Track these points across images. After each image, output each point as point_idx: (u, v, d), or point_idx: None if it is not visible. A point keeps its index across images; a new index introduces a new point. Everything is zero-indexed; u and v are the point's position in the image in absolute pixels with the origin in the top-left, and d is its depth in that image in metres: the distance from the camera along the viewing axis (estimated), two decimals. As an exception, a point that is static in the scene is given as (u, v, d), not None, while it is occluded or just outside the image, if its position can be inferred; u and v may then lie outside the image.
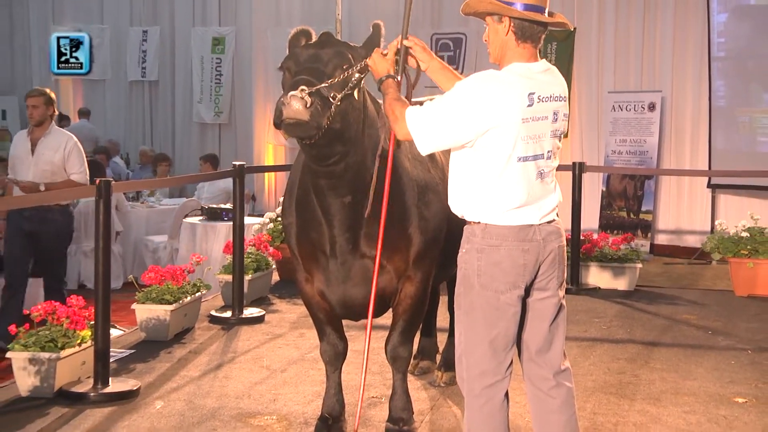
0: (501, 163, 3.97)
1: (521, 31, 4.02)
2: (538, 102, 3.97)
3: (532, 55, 4.08)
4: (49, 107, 8.64)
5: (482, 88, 3.99)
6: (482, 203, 4.06)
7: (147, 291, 7.71)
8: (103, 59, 18.81)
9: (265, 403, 6.10)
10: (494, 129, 3.94)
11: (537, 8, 4.01)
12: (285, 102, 4.28)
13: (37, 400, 6.08)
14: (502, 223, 4.02)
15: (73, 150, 8.66)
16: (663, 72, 13.69)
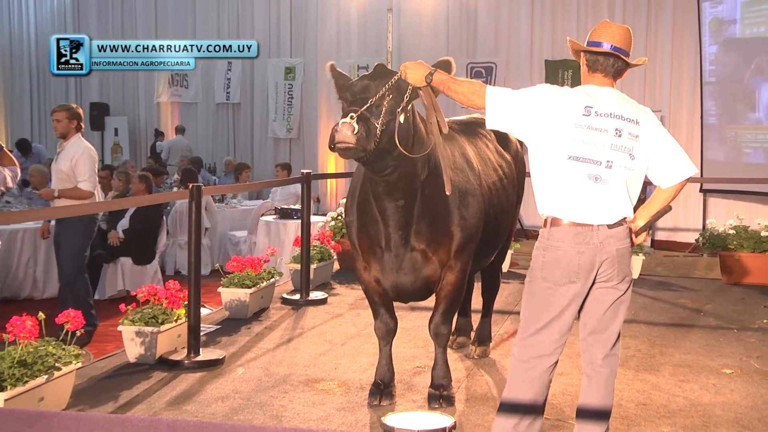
0: (555, 159, 4.00)
1: (592, 64, 4.15)
2: (596, 115, 4.00)
3: (602, 83, 4.14)
4: (71, 121, 8.14)
5: (547, 92, 4.09)
6: (545, 196, 4.09)
7: (230, 277, 7.73)
8: (195, 85, 18.95)
9: (328, 370, 6.08)
10: (549, 127, 4.00)
11: (597, 44, 4.12)
12: (337, 129, 4.32)
13: (142, 365, 6.12)
14: (564, 219, 4.01)
15: (81, 159, 8.07)
16: (662, 94, 13.67)
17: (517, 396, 4.19)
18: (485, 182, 5.30)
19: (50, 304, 9.07)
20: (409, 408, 5.27)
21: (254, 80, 18.39)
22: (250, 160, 17.42)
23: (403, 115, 4.54)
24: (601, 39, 4.12)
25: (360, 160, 4.64)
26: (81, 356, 5.24)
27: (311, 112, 17.58)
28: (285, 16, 17.89)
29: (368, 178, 4.91)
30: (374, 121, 4.40)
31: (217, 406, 5.34)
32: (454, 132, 5.34)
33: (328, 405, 5.35)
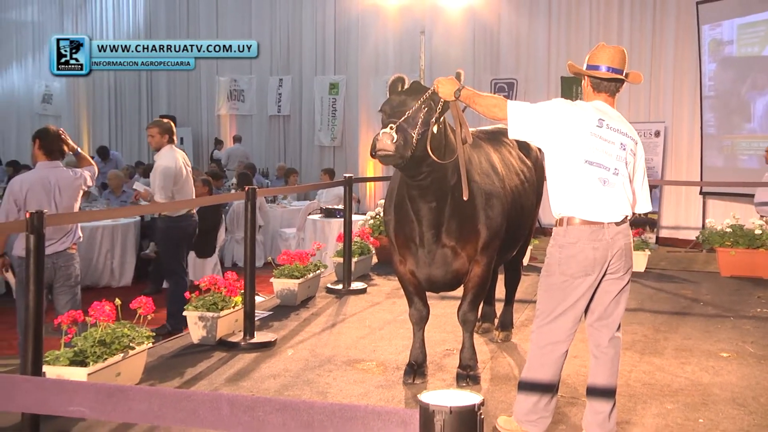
0: (572, 162, 4.03)
1: (596, 85, 4.19)
2: (606, 128, 4.06)
3: (606, 101, 4.20)
4: (164, 135, 8.02)
5: (564, 105, 4.13)
6: (560, 197, 4.12)
7: (281, 269, 7.75)
8: (250, 100, 19.04)
9: (367, 352, 6.09)
10: (568, 135, 4.03)
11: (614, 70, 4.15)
12: (378, 138, 4.37)
13: (204, 346, 6.17)
14: (578, 217, 4.05)
15: (156, 172, 7.95)
16: (665, 106, 13.59)
17: (535, 376, 4.22)
18: (508, 185, 5.30)
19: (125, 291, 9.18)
20: (439, 386, 5.27)
21: (302, 95, 18.43)
22: (298, 166, 17.48)
23: (435, 126, 4.58)
24: (600, 62, 4.17)
25: (398, 166, 4.68)
26: (151, 337, 5.29)
27: (352, 123, 17.60)
28: (330, 38, 17.92)
29: (404, 183, 4.92)
30: (411, 131, 4.44)
31: (270, 382, 5.36)
32: (481, 140, 5.36)
33: (367, 383, 5.36)
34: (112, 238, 10.60)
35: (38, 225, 4.16)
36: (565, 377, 4.90)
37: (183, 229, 8.07)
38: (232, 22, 19.13)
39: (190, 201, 7.76)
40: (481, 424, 1.48)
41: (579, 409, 4.70)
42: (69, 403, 1.68)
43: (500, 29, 15.59)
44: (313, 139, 18.23)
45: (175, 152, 8.04)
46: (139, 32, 20.62)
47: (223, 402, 1.53)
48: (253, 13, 18.86)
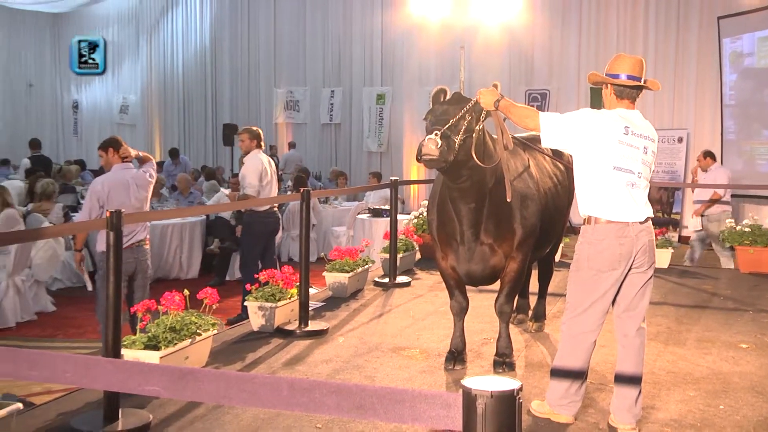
0: (601, 168, 4.01)
1: (619, 93, 4.13)
2: (632, 134, 4.03)
3: (628, 107, 4.14)
4: (252, 140, 8.05)
5: (591, 115, 4.10)
6: (588, 199, 4.10)
7: (333, 263, 7.78)
8: (305, 109, 19.14)
9: (411, 340, 6.08)
10: (596, 142, 4.01)
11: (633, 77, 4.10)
12: (423, 144, 4.39)
13: (263, 333, 6.20)
14: (605, 218, 4.02)
15: (247, 171, 7.99)
16: (688, 114, 13.46)
17: (566, 364, 4.20)
18: (542, 188, 5.28)
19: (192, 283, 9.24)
20: (478, 372, 5.26)
21: (352, 105, 18.49)
22: (348, 170, 17.53)
23: (476, 133, 4.57)
24: (620, 71, 4.13)
25: (441, 170, 4.69)
26: (216, 325, 5.34)
27: (398, 130, 17.62)
28: (377, 53, 17.97)
29: (446, 185, 4.92)
30: (453, 138, 4.45)
31: (323, 367, 5.38)
32: (518, 147, 5.34)
33: (411, 368, 5.36)
34: (181, 235, 10.74)
35: (117, 223, 4.23)
36: (593, 365, 4.86)
37: (265, 225, 8.07)
38: (288, 38, 19.24)
39: (252, 201, 7.81)
40: (520, 408, 1.48)
41: (607, 395, 4.66)
42: (145, 383, 1.70)
43: (534, 44, 15.53)
44: (362, 145, 18.29)
45: (261, 156, 8.07)
46: (205, 52, 20.83)
47: (282, 384, 1.54)
48: (307, 31, 18.97)
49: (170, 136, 21.75)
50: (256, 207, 7.92)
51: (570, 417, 4.27)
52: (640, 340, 4.20)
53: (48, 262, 8.70)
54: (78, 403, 4.59)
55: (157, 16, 21.98)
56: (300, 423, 4.24)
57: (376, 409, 1.43)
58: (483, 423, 1.40)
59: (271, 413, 4.31)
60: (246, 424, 4.25)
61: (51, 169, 14.18)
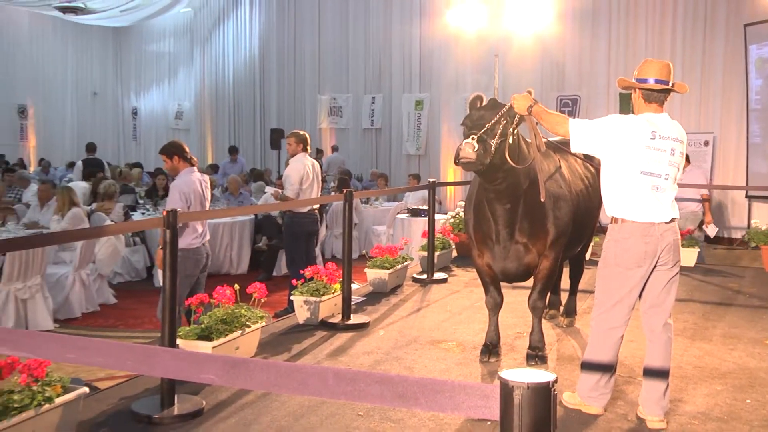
0: (629, 172, 3.97)
1: (647, 96, 4.07)
2: (659, 138, 3.97)
3: (656, 110, 4.08)
4: (298, 144, 7.99)
5: (619, 121, 4.06)
6: (615, 201, 4.06)
7: (374, 260, 7.79)
8: (347, 115, 19.18)
9: (448, 333, 6.07)
10: (624, 148, 3.96)
11: (661, 81, 4.05)
12: (461, 147, 4.40)
13: (308, 326, 6.23)
14: (630, 219, 3.99)
15: (288, 173, 7.98)
16: (714, 118, 13.25)
17: (596, 358, 4.17)
18: (574, 189, 5.23)
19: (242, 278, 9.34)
20: (511, 365, 5.23)
21: (392, 110, 18.48)
22: (388, 172, 17.53)
23: (511, 137, 4.54)
24: (648, 75, 4.08)
25: (477, 172, 4.68)
26: (264, 317, 5.38)
27: (435, 134, 17.57)
28: (415, 61, 17.93)
29: (482, 187, 4.91)
30: (489, 142, 4.45)
31: (364, 358, 5.40)
32: (551, 150, 5.30)
33: (448, 360, 5.35)
34: (231, 233, 10.82)
35: (173, 221, 4.28)
36: (622, 359, 4.81)
37: (304, 225, 8.03)
38: (332, 48, 19.31)
39: (298, 201, 7.84)
40: (555, 399, 1.47)
41: (635, 387, 4.61)
42: (200, 372, 1.72)
43: (565, 52, 15.41)
44: (401, 149, 18.27)
45: (306, 159, 8.03)
46: (254, 61, 20.98)
47: (329, 374, 1.55)
48: (350, 41, 19.01)
49: (221, 140, 21.93)
50: (296, 208, 7.95)
51: (600, 408, 4.24)
52: (666, 336, 4.14)
53: (110, 257, 8.83)
54: (138, 388, 4.66)
55: (210, 29, 22.19)
56: (342, 411, 4.25)
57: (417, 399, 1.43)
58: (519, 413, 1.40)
59: (315, 401, 4.33)
60: (292, 410, 4.27)
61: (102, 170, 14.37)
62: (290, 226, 8.13)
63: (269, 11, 20.68)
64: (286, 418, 4.16)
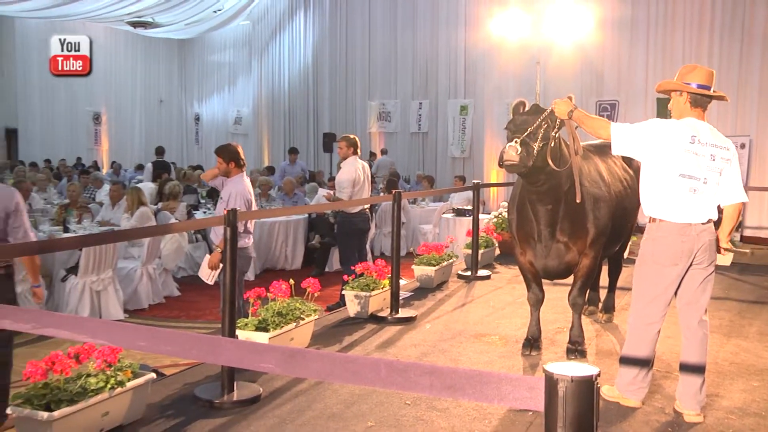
0: (667, 175, 3.90)
1: (695, 101, 3.99)
2: (698, 143, 3.88)
3: (699, 116, 4.00)
4: (350, 148, 7.95)
5: (659, 125, 3.97)
6: (657, 203, 3.99)
7: (421, 258, 7.79)
8: (396, 120, 19.19)
9: (491, 328, 6.04)
10: (663, 150, 3.89)
11: (705, 87, 3.97)
12: (505, 150, 4.36)
13: (358, 319, 6.26)
14: (667, 219, 3.92)
15: (340, 176, 7.97)
16: (751, 122, 12.95)
17: (634, 353, 4.11)
18: (613, 191, 5.16)
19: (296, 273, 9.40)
20: (552, 358, 5.18)
21: (438, 115, 18.44)
22: (434, 174, 17.48)
23: (552, 140, 4.50)
24: (693, 80, 3.99)
25: (520, 174, 4.65)
26: (317, 311, 5.41)
27: (479, 138, 17.50)
28: (461, 69, 17.87)
29: (525, 188, 4.88)
30: (532, 145, 4.41)
31: (411, 350, 5.39)
32: (590, 153, 5.24)
33: (491, 353, 5.32)
34: (286, 231, 10.91)
35: (233, 220, 4.33)
36: (659, 354, 4.73)
37: (355, 224, 8.03)
38: (381, 56, 19.34)
39: (349, 201, 7.87)
40: (597, 392, 1.45)
41: (672, 382, 4.52)
42: (261, 361, 1.74)
43: (604, 59, 15.22)
44: (446, 152, 18.22)
45: (357, 162, 8.01)
46: (308, 70, 21.12)
47: (381, 365, 1.55)
48: (398, 50, 19.01)
49: (277, 143, 22.13)
50: (348, 209, 7.98)
51: (638, 402, 4.18)
52: (702, 332, 4.06)
53: (174, 253, 8.97)
54: (200, 375, 4.73)
55: (267, 40, 22.40)
56: (391, 399, 4.26)
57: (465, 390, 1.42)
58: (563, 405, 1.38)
59: (365, 390, 4.34)
60: (343, 398, 4.29)
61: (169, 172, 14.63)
62: (343, 225, 8.16)
63: (322, 23, 20.80)
64: (338, 406, 4.19)
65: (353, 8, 20.01)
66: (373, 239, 11.71)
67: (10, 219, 4.49)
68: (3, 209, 4.47)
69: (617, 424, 3.97)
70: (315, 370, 1.70)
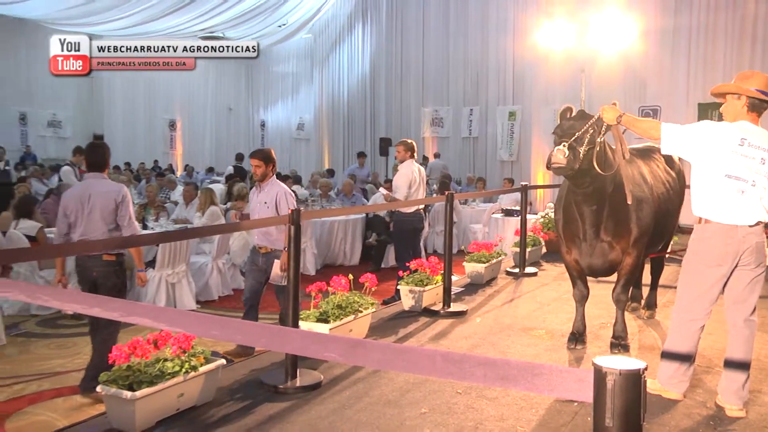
0: (715, 176, 3.77)
1: (752, 105, 3.84)
2: (748, 146, 3.74)
3: (754, 121, 3.86)
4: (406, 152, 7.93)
5: (710, 127, 3.84)
6: (702, 202, 3.86)
7: (471, 255, 7.74)
8: (448, 125, 19.13)
9: (538, 322, 5.97)
10: (712, 152, 3.76)
11: (764, 92, 3.83)
12: (552, 154, 4.31)
13: (413, 313, 6.24)
14: (714, 220, 3.79)
15: (398, 177, 7.97)
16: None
17: (676, 347, 4.01)
18: (656, 192, 5.05)
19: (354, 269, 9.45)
20: (596, 352, 5.09)
21: (487, 121, 18.33)
22: (484, 176, 17.40)
23: (598, 145, 4.42)
24: (753, 86, 3.83)
25: (567, 177, 4.58)
26: (374, 304, 5.43)
27: (526, 142, 17.33)
28: (509, 77, 17.73)
29: (571, 190, 4.80)
30: (579, 149, 4.34)
31: (462, 342, 5.37)
32: (634, 156, 5.13)
33: (538, 346, 5.26)
34: (345, 230, 10.98)
35: (297, 219, 4.37)
36: (702, 350, 4.60)
37: (410, 223, 8.04)
38: (434, 65, 19.31)
39: (405, 202, 7.87)
40: (644, 386, 1.42)
41: (713, 377, 4.40)
42: (325, 350, 1.76)
43: (647, 67, 14.92)
44: (495, 155, 18.11)
45: (413, 165, 8.02)
46: (365, 78, 21.20)
47: (437, 356, 1.55)
48: (450, 60, 18.97)
49: (336, 147, 22.28)
50: (404, 209, 7.98)
51: (679, 394, 4.07)
52: (749, 331, 3.93)
53: (241, 249, 9.11)
54: (265, 362, 4.80)
55: (328, 52, 22.57)
56: (443, 388, 4.25)
57: (517, 380, 1.41)
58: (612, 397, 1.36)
59: (419, 378, 4.34)
60: (398, 386, 4.30)
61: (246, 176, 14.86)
62: (399, 224, 8.17)
63: (379, 36, 20.87)
64: (393, 393, 4.19)
65: (408, 21, 20.04)
66: (427, 237, 11.67)
67: (119, 209, 5.09)
68: (113, 200, 5.08)
69: (660, 416, 3.88)
70: (375, 359, 1.71)
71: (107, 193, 5.09)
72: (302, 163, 22.98)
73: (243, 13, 19.52)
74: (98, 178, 5.22)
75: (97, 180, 5.20)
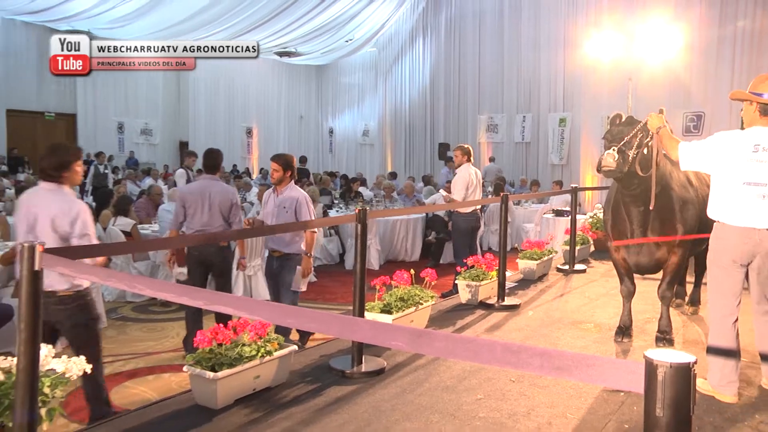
0: (733, 183, 3.64)
1: (764, 110, 3.69)
2: (762, 151, 3.58)
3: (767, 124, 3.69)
4: (464, 156, 7.88)
5: (723, 138, 3.73)
6: (722, 208, 3.74)
7: (524, 252, 7.66)
8: (502, 131, 18.96)
9: (587, 316, 5.87)
10: (728, 162, 3.64)
11: (759, 94, 3.68)
12: (602, 157, 4.25)
13: (469, 306, 6.22)
14: (732, 224, 3.67)
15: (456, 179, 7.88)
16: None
17: (718, 343, 3.88)
18: (700, 194, 4.89)
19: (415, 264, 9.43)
20: (642, 345, 4.97)
21: (539, 127, 18.10)
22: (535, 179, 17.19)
23: (645, 149, 4.33)
24: (764, 90, 3.68)
25: (616, 179, 4.50)
26: (434, 297, 5.42)
27: (576, 147, 17.04)
28: (560, 85, 17.47)
29: (619, 191, 4.71)
30: (628, 153, 4.27)
31: (515, 334, 5.32)
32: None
33: (587, 339, 5.17)
34: (407, 228, 11.00)
35: (363, 217, 4.38)
36: (745, 346, 4.42)
37: (468, 222, 8.01)
38: (489, 75, 19.16)
39: (463, 203, 7.83)
40: (694, 379, 1.39)
41: (758, 372, 4.23)
42: (392, 339, 1.77)
43: (691, 75, 14.48)
44: (547, 159, 17.88)
45: (470, 168, 7.96)
46: (425, 88, 21.18)
47: (497, 346, 1.55)
48: (504, 69, 18.79)
49: (398, 152, 22.32)
50: (461, 209, 7.94)
51: (733, 396, 3.84)
52: None
53: (314, 243, 9.22)
54: (333, 349, 4.85)
55: (391, 64, 22.64)
56: (498, 376, 4.22)
57: (572, 371, 1.40)
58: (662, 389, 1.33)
59: (475, 367, 4.32)
60: (456, 373, 4.29)
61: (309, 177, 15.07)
62: (457, 223, 8.16)
63: (438, 48, 20.82)
64: (451, 380, 4.19)
65: (465, 35, 19.95)
66: (482, 236, 11.60)
67: (232, 209, 5.58)
68: (229, 200, 5.58)
69: (704, 407, 3.76)
70: (438, 348, 1.71)
71: (225, 193, 5.58)
72: (367, 166, 23.13)
73: (313, 30, 19.77)
74: (213, 179, 5.64)
75: (213, 181, 5.62)
